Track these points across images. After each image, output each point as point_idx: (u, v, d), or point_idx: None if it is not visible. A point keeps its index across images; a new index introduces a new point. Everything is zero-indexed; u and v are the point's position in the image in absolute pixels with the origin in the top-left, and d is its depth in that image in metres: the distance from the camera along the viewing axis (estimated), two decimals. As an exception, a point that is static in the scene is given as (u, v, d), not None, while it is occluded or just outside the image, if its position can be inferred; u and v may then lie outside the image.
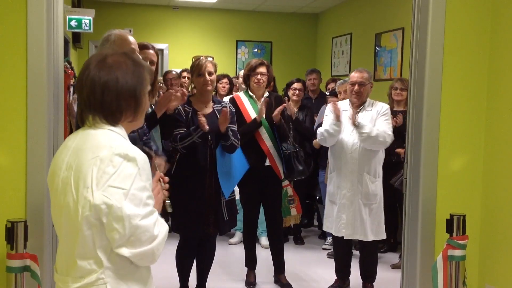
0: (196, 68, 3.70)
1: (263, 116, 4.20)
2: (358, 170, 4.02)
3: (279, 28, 9.50)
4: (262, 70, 4.25)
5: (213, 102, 3.80)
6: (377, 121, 4.02)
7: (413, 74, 3.13)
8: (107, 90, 1.65)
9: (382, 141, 3.94)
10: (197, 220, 3.64)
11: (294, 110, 5.33)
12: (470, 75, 3.10)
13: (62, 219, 1.66)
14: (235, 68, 9.29)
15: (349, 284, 4.34)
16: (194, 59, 3.76)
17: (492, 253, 3.07)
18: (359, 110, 4.09)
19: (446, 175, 3.10)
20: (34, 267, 2.59)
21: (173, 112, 3.48)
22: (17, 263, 2.56)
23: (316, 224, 6.42)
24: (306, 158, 4.78)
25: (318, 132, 4.21)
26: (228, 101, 4.23)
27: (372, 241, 4.08)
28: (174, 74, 6.30)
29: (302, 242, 5.77)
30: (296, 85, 5.47)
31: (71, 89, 4.66)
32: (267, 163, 4.27)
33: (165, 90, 5.48)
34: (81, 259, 1.60)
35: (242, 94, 4.38)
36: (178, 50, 9.01)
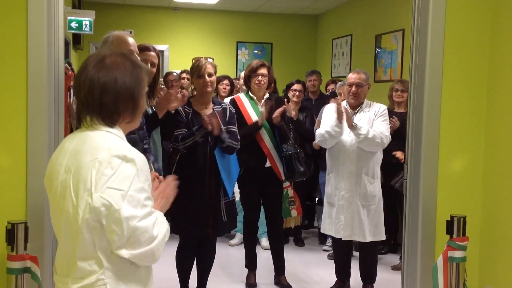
0: (196, 69, 3.70)
1: (265, 119, 4.20)
2: (357, 171, 4.02)
3: (280, 29, 9.51)
4: (263, 71, 4.25)
5: (213, 103, 3.81)
6: (374, 122, 4.03)
7: (413, 76, 3.13)
8: (106, 91, 1.64)
9: (379, 142, 3.95)
10: (196, 220, 3.65)
11: (295, 111, 5.34)
12: (470, 76, 3.10)
13: (62, 222, 1.65)
14: (236, 69, 9.29)
15: (349, 285, 4.34)
16: (194, 61, 3.77)
17: (492, 254, 3.07)
18: (356, 111, 4.09)
19: (446, 177, 3.10)
20: (35, 269, 2.58)
21: (173, 112, 3.49)
22: (17, 265, 2.55)
23: (316, 225, 6.41)
24: (307, 159, 4.78)
25: (317, 133, 4.20)
26: (228, 102, 4.24)
27: (371, 242, 4.08)
28: (175, 75, 6.30)
29: (302, 244, 5.77)
30: (296, 86, 5.47)
31: (72, 90, 4.65)
32: (268, 164, 4.27)
33: (165, 92, 5.47)
34: (81, 260, 1.60)
35: (242, 95, 4.38)
36: (179, 51, 9.01)
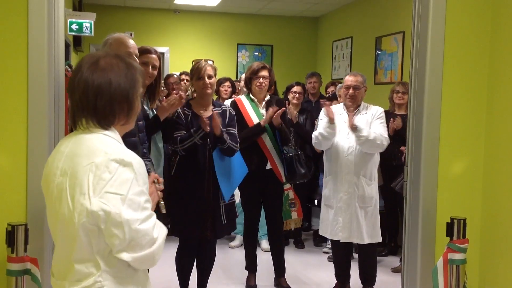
0: (195, 71, 3.71)
1: (268, 121, 4.19)
2: (355, 173, 4.02)
3: (280, 31, 9.51)
4: (264, 73, 4.26)
5: (213, 105, 3.81)
6: (372, 124, 4.04)
7: (413, 78, 3.13)
8: (100, 93, 1.62)
9: (380, 144, 3.96)
10: (195, 221, 3.64)
11: (295, 113, 5.34)
12: (470, 78, 3.10)
13: (58, 225, 1.65)
14: (236, 71, 9.30)
15: (349, 287, 4.33)
16: (194, 63, 3.77)
17: (492, 256, 3.06)
18: (354, 113, 4.10)
19: (447, 179, 3.10)
20: (35, 271, 2.58)
21: (173, 115, 3.50)
22: (17, 267, 2.55)
23: (313, 227, 6.41)
24: (307, 161, 4.78)
25: (313, 136, 4.21)
26: (229, 104, 4.24)
27: (370, 244, 4.08)
28: (175, 78, 6.30)
29: (302, 246, 5.77)
30: (295, 88, 5.48)
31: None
32: (268, 166, 4.27)
33: (166, 94, 5.48)
34: (78, 263, 1.59)
35: (243, 98, 4.38)
36: (179, 53, 9.02)
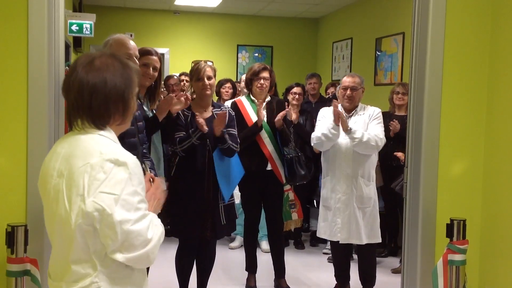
0: (195, 72, 3.71)
1: (264, 120, 4.20)
2: (353, 174, 4.02)
3: (280, 32, 9.52)
4: (265, 75, 4.26)
5: (212, 106, 3.81)
6: (369, 125, 4.04)
7: (413, 79, 3.13)
8: (95, 93, 1.62)
9: (374, 145, 3.95)
10: (195, 222, 3.64)
11: (295, 115, 5.33)
12: (470, 79, 3.10)
13: (55, 226, 1.65)
14: (236, 72, 9.30)
15: (349, 288, 4.34)
16: (193, 64, 3.77)
17: (492, 257, 3.06)
18: (351, 114, 4.10)
19: (447, 180, 3.10)
20: (34, 271, 2.58)
21: (174, 115, 3.50)
22: (17, 267, 2.56)
23: (310, 227, 6.39)
24: (307, 162, 4.78)
25: (313, 136, 4.18)
26: (229, 105, 4.24)
27: (368, 244, 4.07)
28: (175, 79, 6.31)
29: (302, 247, 5.77)
30: (295, 89, 5.47)
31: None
32: (269, 168, 4.27)
33: (166, 95, 5.48)
34: (75, 264, 1.59)
35: (244, 99, 4.38)
36: (179, 54, 9.03)
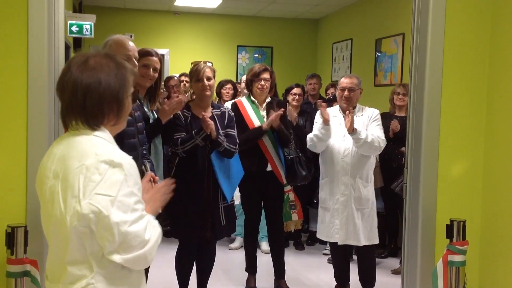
0: (194, 73, 3.71)
1: (270, 124, 4.18)
2: (351, 175, 4.02)
3: (280, 33, 9.52)
4: (266, 76, 4.26)
5: (212, 107, 3.81)
6: (369, 126, 4.04)
7: (413, 80, 3.13)
8: (89, 93, 1.61)
9: (377, 146, 3.96)
10: (195, 223, 3.64)
11: (295, 115, 5.33)
12: (470, 80, 3.10)
13: (51, 227, 1.64)
14: (236, 73, 9.30)
15: (349, 289, 4.33)
16: (193, 65, 3.77)
17: (492, 258, 3.06)
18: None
19: (446, 181, 3.10)
20: (34, 272, 2.58)
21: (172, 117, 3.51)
22: (17, 268, 2.56)
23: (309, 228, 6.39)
24: (307, 163, 4.78)
25: (308, 138, 4.19)
26: (229, 106, 4.24)
27: (368, 246, 4.07)
28: (176, 80, 6.31)
29: (302, 247, 5.76)
30: (295, 90, 5.48)
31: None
32: (269, 168, 4.27)
33: (166, 96, 5.49)
34: (71, 265, 1.59)
35: (244, 99, 4.38)
36: (179, 55, 9.02)
